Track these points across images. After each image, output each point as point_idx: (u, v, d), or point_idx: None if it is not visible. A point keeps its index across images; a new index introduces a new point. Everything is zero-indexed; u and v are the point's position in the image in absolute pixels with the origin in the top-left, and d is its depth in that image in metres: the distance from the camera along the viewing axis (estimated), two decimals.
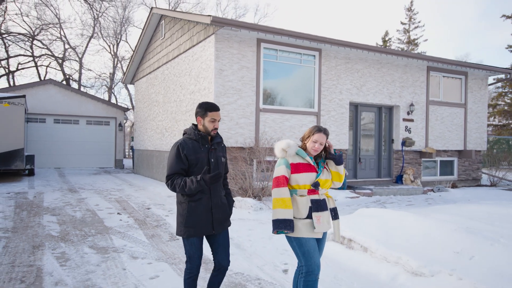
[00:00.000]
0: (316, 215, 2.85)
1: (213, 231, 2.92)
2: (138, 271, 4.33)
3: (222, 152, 3.08)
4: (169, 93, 12.22)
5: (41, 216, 6.96)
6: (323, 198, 2.94)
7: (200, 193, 2.87)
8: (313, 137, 2.94)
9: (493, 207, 7.45)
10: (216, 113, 2.92)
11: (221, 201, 2.99)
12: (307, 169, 2.90)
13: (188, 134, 2.98)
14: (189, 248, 2.92)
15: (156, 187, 11.06)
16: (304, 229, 2.84)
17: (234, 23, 8.58)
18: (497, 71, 13.18)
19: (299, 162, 2.91)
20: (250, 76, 9.32)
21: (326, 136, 2.97)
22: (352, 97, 10.84)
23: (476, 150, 13.26)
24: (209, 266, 4.63)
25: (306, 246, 2.86)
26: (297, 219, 2.86)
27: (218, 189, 2.97)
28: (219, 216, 2.95)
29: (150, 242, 5.51)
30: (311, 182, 2.89)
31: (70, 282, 3.96)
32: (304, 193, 2.89)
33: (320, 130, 2.96)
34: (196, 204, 2.86)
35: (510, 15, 27.17)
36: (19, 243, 5.28)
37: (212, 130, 2.92)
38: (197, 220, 2.86)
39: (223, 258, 3.00)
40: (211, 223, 2.90)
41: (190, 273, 2.94)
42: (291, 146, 2.93)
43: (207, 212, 2.89)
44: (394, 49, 11.31)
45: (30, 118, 16.60)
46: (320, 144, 2.94)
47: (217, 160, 2.98)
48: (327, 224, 2.92)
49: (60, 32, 27.50)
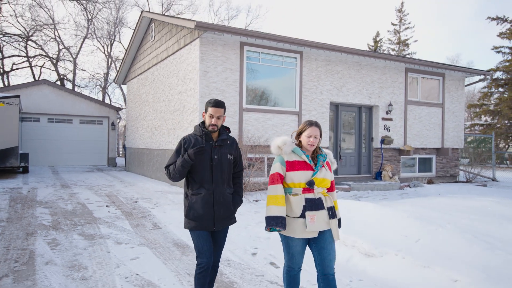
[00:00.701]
0: (310, 214, 2.80)
1: (213, 228, 2.93)
2: (121, 253, 4.85)
3: (230, 149, 3.06)
4: (158, 93, 12.73)
5: (34, 209, 7.46)
6: (318, 197, 2.86)
7: (201, 188, 2.92)
8: (306, 132, 2.90)
9: (456, 200, 8.06)
10: (214, 109, 2.92)
11: (223, 198, 2.98)
12: (303, 167, 2.86)
13: (194, 130, 3.05)
14: (196, 242, 2.93)
15: (146, 183, 11.56)
16: (297, 229, 2.81)
17: (217, 28, 9.10)
18: (472, 73, 13.79)
19: (295, 160, 2.88)
20: (233, 77, 9.84)
21: (318, 128, 2.94)
22: (333, 97, 11.39)
23: (453, 148, 13.87)
24: (186, 250, 5.17)
25: (292, 249, 2.88)
26: (290, 217, 2.83)
27: (221, 185, 2.97)
28: (221, 214, 2.96)
29: (134, 230, 6.03)
30: (306, 181, 2.84)
31: (59, 262, 4.47)
32: (299, 191, 2.85)
33: (311, 124, 2.93)
34: (197, 198, 2.92)
35: (495, 17, 27.82)
36: (13, 231, 5.78)
37: (209, 126, 2.94)
38: (197, 215, 2.90)
39: (217, 255, 3.06)
40: (213, 219, 2.92)
41: (200, 268, 2.89)
42: (287, 143, 2.90)
43: (209, 208, 2.91)
44: (373, 52, 11.86)
45: (24, 118, 17.02)
46: (315, 138, 2.89)
47: (221, 157, 2.97)
48: (323, 223, 2.85)
49: (54, 33, 27.89)
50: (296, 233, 2.81)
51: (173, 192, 9.89)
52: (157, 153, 12.73)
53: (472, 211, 6.82)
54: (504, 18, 27.80)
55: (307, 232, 2.81)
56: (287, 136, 2.97)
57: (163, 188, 10.50)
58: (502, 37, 28.33)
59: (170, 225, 6.41)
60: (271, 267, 4.50)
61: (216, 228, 2.94)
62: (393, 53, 38.91)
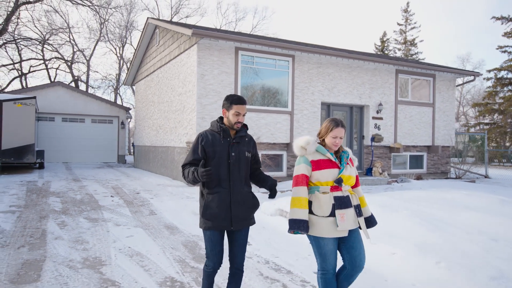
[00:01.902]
0: (339, 213, 2.74)
1: (231, 227, 2.83)
2: (118, 232, 5.72)
3: (248, 146, 2.97)
4: (162, 94, 13.64)
5: (48, 198, 8.42)
6: (346, 194, 2.82)
7: (218, 187, 2.82)
8: (332, 133, 2.85)
9: (431, 193, 8.74)
10: (241, 107, 2.86)
11: (241, 197, 2.87)
12: (329, 165, 2.81)
13: (211, 126, 2.96)
14: (206, 243, 2.87)
15: (150, 177, 12.48)
16: (326, 228, 2.74)
17: (213, 35, 9.93)
18: (463, 74, 14.32)
19: (320, 159, 2.83)
20: (229, 80, 10.66)
21: (344, 129, 2.89)
22: (324, 98, 12.11)
23: (444, 145, 14.42)
24: (174, 231, 5.99)
25: (324, 249, 2.79)
26: (320, 217, 2.76)
27: (239, 184, 2.87)
28: (239, 213, 2.85)
29: (132, 216, 6.90)
30: (333, 179, 2.79)
31: (66, 238, 5.37)
32: (327, 190, 2.79)
33: (337, 124, 2.87)
34: (213, 197, 2.82)
35: (500, 17, 28.00)
36: (29, 215, 6.72)
37: (235, 124, 2.87)
38: (214, 214, 2.80)
39: (238, 256, 2.92)
40: (230, 219, 2.82)
41: (207, 268, 2.90)
42: (310, 143, 2.85)
43: (226, 207, 2.81)
44: (363, 55, 12.51)
45: (40, 117, 18.18)
46: (340, 138, 2.86)
47: (239, 154, 2.88)
48: (352, 222, 2.80)
49: (69, 36, 29.20)
50: (326, 232, 2.74)
51: (173, 185, 10.77)
52: (161, 150, 13.65)
53: (438, 202, 7.52)
54: (509, 17, 27.96)
55: (338, 231, 2.74)
56: (309, 136, 2.94)
57: (164, 182, 11.40)
58: (508, 36, 28.49)
59: (165, 212, 7.26)
60: None
61: (234, 228, 2.84)
62: (399, 53, 39.21)
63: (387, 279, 4.18)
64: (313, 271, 4.34)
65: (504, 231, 5.62)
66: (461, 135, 20.44)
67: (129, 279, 3.94)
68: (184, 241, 5.37)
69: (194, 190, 9.69)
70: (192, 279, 3.96)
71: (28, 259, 4.45)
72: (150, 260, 4.52)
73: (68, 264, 4.30)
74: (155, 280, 3.92)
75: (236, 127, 2.88)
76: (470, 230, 5.56)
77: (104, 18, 27.93)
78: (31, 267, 4.18)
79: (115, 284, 3.80)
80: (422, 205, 6.93)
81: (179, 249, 4.99)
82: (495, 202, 7.76)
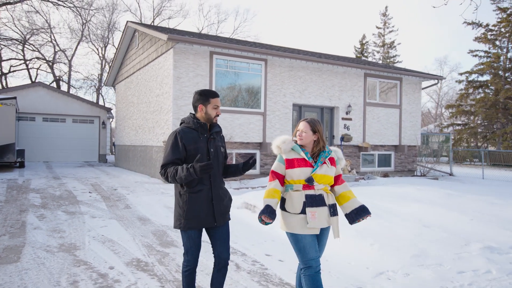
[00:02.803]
0: (310, 210, 2.80)
1: (215, 223, 2.85)
2: (94, 223, 6.24)
3: (221, 141, 3.00)
4: (141, 96, 14.12)
5: (28, 194, 8.85)
6: (319, 193, 2.87)
7: (200, 184, 2.79)
8: (297, 127, 3.03)
9: (388, 188, 9.51)
10: (218, 100, 2.91)
11: (222, 192, 2.92)
12: (302, 164, 2.89)
13: (186, 123, 2.90)
14: (186, 241, 2.86)
15: (129, 175, 12.95)
16: (297, 225, 2.81)
17: (187, 40, 10.49)
18: (427, 77, 15.23)
19: (294, 158, 2.92)
20: (204, 82, 11.23)
21: (309, 124, 2.97)
22: (295, 99, 12.79)
23: (410, 145, 15.29)
24: (145, 222, 6.54)
25: (302, 242, 2.83)
26: (291, 214, 2.84)
27: (218, 180, 2.90)
28: (221, 208, 2.88)
29: (108, 209, 7.42)
30: (305, 177, 2.86)
31: (44, 228, 5.87)
32: (299, 188, 2.87)
33: (304, 120, 3.04)
34: (196, 195, 2.79)
35: (470, 22, 29.29)
36: (9, 209, 7.17)
37: (214, 117, 2.88)
38: (198, 212, 2.79)
39: (223, 251, 2.92)
40: (213, 215, 2.83)
41: (187, 265, 2.90)
42: (286, 142, 2.97)
43: (208, 204, 2.81)
44: (332, 59, 13.24)
45: (21, 117, 18.38)
46: (304, 132, 2.95)
47: (216, 150, 2.90)
48: (324, 221, 2.84)
49: (50, 36, 29.24)
50: (297, 229, 2.82)
51: (150, 182, 11.28)
52: (140, 149, 14.12)
53: (392, 195, 8.27)
54: (479, 23, 29.30)
55: (308, 228, 2.81)
56: (286, 135, 3.05)
57: (142, 179, 11.90)
58: (478, 41, 29.81)
59: (139, 206, 7.79)
60: None
61: (218, 224, 2.86)
62: (378, 55, 40.37)
63: (328, 259, 4.83)
64: (265, 253, 4.97)
65: (438, 219, 6.37)
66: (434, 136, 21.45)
67: (99, 260, 4.50)
68: (153, 230, 5.94)
69: (169, 186, 10.22)
70: (156, 260, 4.54)
71: (9, 245, 4.96)
72: (120, 246, 5.08)
73: (46, 249, 4.83)
74: (123, 261, 4.48)
75: (215, 120, 2.90)
76: (408, 218, 6.29)
77: (85, 19, 28.11)
78: (11, 251, 4.69)
79: (87, 263, 4.35)
80: (376, 198, 7.65)
81: (148, 237, 5.55)
82: (441, 196, 8.57)
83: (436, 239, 5.36)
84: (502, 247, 5.27)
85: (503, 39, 28.67)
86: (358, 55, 40.87)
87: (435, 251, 4.98)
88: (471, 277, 4.30)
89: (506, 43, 28.60)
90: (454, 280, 4.20)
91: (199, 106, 2.88)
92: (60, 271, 4.11)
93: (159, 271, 4.19)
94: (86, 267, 4.24)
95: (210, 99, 2.86)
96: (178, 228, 2.84)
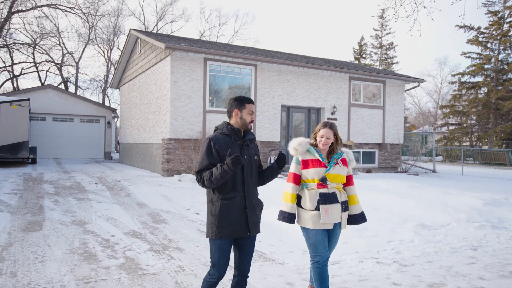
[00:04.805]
0: (324, 207, 3.02)
1: (248, 233, 2.77)
2: (99, 207, 7.46)
3: (255, 149, 2.95)
4: (143, 97, 15.36)
5: (42, 184, 10.11)
6: (332, 191, 3.07)
7: (233, 191, 2.75)
8: (319, 133, 3.16)
9: (364, 181, 10.65)
10: (253, 106, 2.89)
11: (255, 201, 2.86)
12: (316, 164, 3.09)
13: (220, 129, 2.86)
14: (215, 252, 2.75)
15: (131, 170, 14.19)
16: (311, 221, 3.04)
17: (183, 48, 11.69)
18: (409, 80, 16.31)
19: (309, 159, 3.13)
20: (198, 85, 12.43)
21: (331, 130, 3.13)
22: (284, 101, 13.95)
23: (393, 143, 16.38)
24: (143, 206, 7.74)
25: (313, 239, 3.08)
26: (306, 210, 3.08)
27: (252, 188, 2.85)
28: (254, 217, 2.81)
29: (112, 197, 8.64)
30: (319, 177, 3.06)
31: (58, 209, 7.10)
32: (314, 186, 3.08)
33: (325, 125, 3.16)
34: (229, 202, 2.73)
35: (462, 25, 30.22)
36: (28, 195, 8.42)
37: (249, 123, 2.86)
38: (231, 220, 2.72)
39: (245, 264, 2.87)
40: (246, 224, 2.76)
41: (211, 278, 2.78)
42: (302, 144, 3.16)
43: (241, 212, 2.75)
44: (318, 64, 14.34)
45: (33, 117, 19.73)
46: (327, 138, 3.11)
47: (250, 157, 2.86)
48: (337, 216, 3.08)
49: (59, 40, 30.65)
50: (311, 224, 3.05)
51: (150, 176, 12.50)
52: (142, 146, 15.37)
53: (362, 187, 9.38)
54: (471, 26, 30.22)
55: (321, 224, 3.04)
56: (303, 137, 3.25)
57: (143, 174, 13.13)
58: (470, 43, 30.74)
59: (138, 195, 9.00)
60: (195, 215, 7.09)
61: (251, 233, 2.79)
62: (375, 56, 41.39)
63: (288, 233, 5.98)
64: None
65: (389, 204, 7.52)
66: (418, 135, 22.46)
67: (103, 231, 5.71)
68: (149, 212, 7.14)
69: (167, 180, 11.42)
70: (148, 232, 5.74)
71: (32, 220, 6.20)
72: (121, 222, 6.29)
73: (61, 223, 6.06)
74: (122, 231, 5.69)
75: (250, 126, 2.88)
76: (362, 203, 7.41)
77: (92, 24, 29.47)
78: (35, 224, 5.93)
79: (93, 232, 5.57)
80: None
81: (143, 216, 6.76)
82: (404, 187, 9.70)
83: (379, 219, 6.51)
84: (433, 225, 6.42)
85: (494, 42, 29.58)
86: (356, 57, 41.92)
87: (376, 227, 6.13)
88: (396, 245, 5.46)
89: (497, 45, 29.50)
90: (381, 246, 5.35)
91: (235, 110, 2.86)
92: (73, 236, 5.33)
93: (150, 238, 5.39)
94: (93, 235, 5.46)
95: (245, 104, 2.86)
96: (210, 237, 2.75)
